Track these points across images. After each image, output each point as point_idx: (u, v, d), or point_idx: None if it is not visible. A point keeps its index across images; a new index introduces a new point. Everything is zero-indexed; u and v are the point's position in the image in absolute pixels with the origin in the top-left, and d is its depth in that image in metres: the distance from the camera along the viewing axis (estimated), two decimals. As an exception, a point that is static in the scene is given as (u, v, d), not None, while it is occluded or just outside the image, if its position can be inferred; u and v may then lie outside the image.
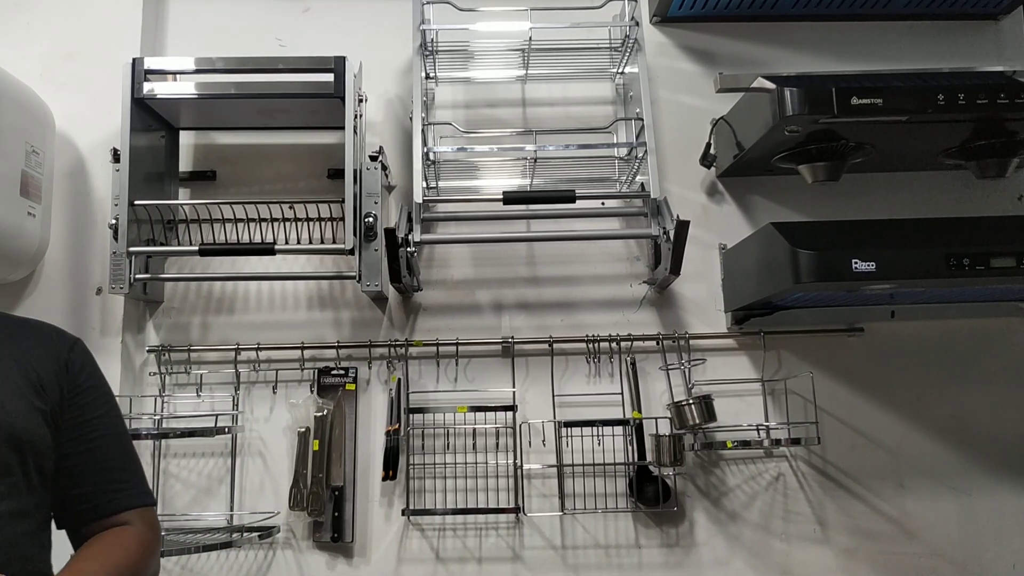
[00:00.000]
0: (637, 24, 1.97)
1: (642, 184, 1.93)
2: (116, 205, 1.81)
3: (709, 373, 2.00)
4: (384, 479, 1.90)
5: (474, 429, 1.95)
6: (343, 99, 1.79)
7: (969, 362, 2.03)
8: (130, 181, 1.77)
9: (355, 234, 1.79)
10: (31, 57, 2.00)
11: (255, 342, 1.98)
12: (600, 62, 2.12)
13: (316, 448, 1.88)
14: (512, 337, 2.00)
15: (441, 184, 2.04)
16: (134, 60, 1.81)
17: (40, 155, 1.84)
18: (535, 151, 1.89)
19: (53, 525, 1.10)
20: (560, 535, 1.93)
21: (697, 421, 1.85)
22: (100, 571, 1.00)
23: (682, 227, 1.74)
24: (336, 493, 1.89)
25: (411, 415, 1.95)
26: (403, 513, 1.90)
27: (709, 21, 2.19)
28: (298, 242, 1.93)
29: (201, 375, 1.98)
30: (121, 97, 1.80)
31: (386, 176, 2.02)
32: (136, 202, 1.79)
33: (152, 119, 1.92)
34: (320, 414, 1.91)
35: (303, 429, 1.90)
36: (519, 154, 1.96)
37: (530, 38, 1.99)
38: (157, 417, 1.92)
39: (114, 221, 1.79)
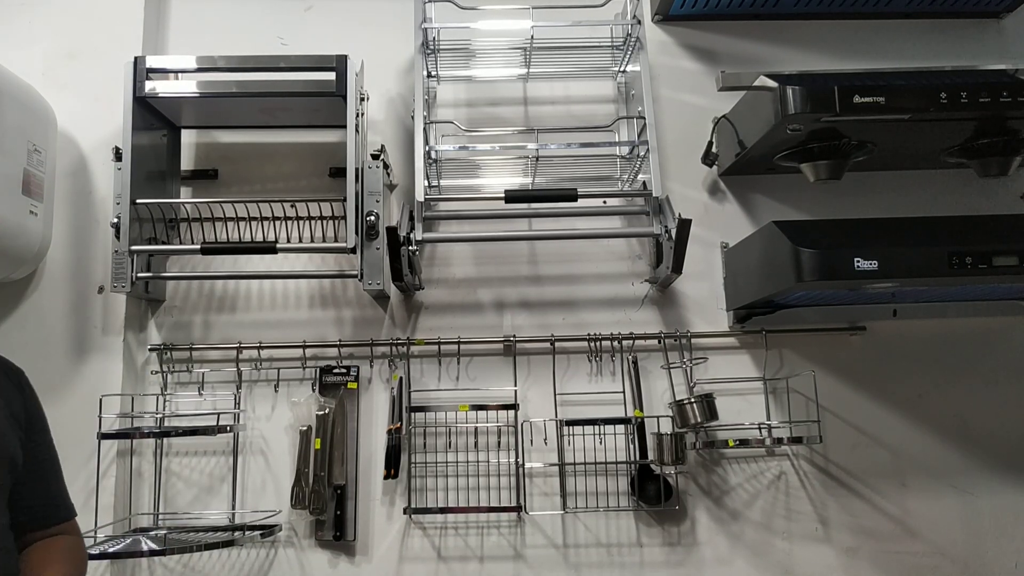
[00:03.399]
0: (639, 22, 1.97)
1: (644, 183, 1.93)
2: (118, 204, 1.81)
3: (711, 372, 2.00)
4: (386, 478, 1.90)
5: (476, 428, 1.95)
6: (345, 97, 1.80)
7: (971, 361, 2.03)
8: (132, 180, 1.78)
9: (357, 233, 1.79)
10: (33, 56, 2.01)
11: (257, 341, 1.98)
12: (602, 60, 2.12)
13: (318, 447, 1.89)
14: (514, 336, 2.00)
15: (443, 183, 2.04)
16: (136, 59, 1.81)
17: (42, 154, 1.84)
18: (537, 150, 1.89)
19: None
20: (562, 534, 1.94)
21: (699, 420, 1.86)
22: (76, 572, 1.22)
23: (684, 226, 1.74)
24: (338, 492, 1.89)
25: (413, 414, 1.95)
26: (405, 511, 1.90)
27: (711, 20, 2.19)
28: (300, 241, 1.94)
29: (203, 374, 1.98)
30: (123, 96, 1.80)
31: (388, 175, 2.02)
32: (138, 201, 1.80)
33: (154, 118, 1.93)
34: (322, 413, 1.91)
35: (305, 428, 1.90)
36: (521, 153, 1.96)
37: (532, 36, 1.99)
38: (159, 415, 1.93)
39: (116, 220, 1.79)
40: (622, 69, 2.12)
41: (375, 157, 1.90)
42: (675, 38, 2.20)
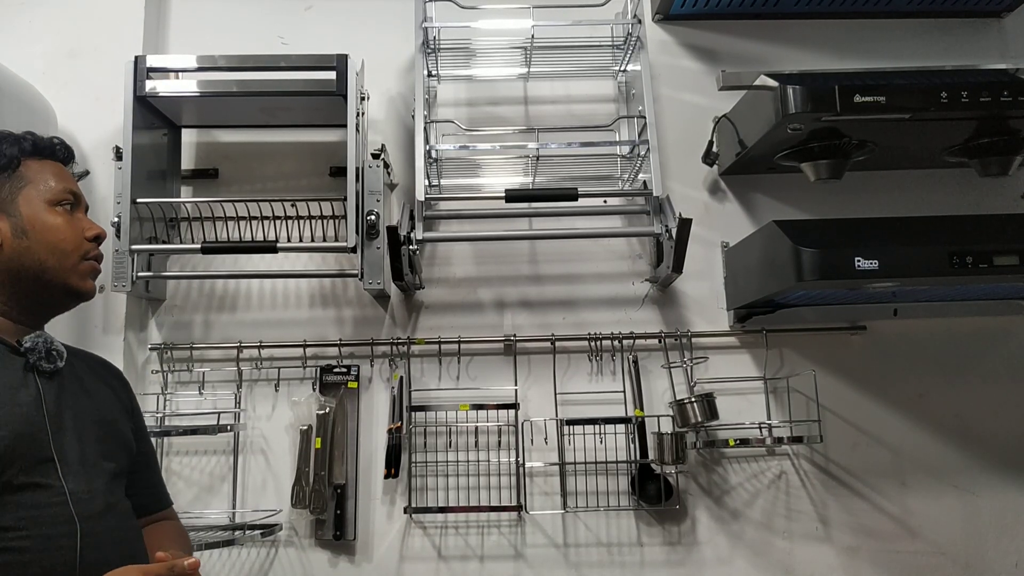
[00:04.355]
0: (639, 22, 1.97)
1: (644, 182, 1.93)
2: (118, 203, 1.81)
3: (711, 371, 2.00)
4: (386, 477, 1.90)
5: (476, 427, 1.95)
6: (345, 97, 1.80)
7: (971, 360, 2.03)
8: (132, 179, 1.78)
9: (357, 232, 1.79)
10: (34, 55, 2.01)
11: (257, 340, 1.98)
12: (602, 60, 2.12)
13: (318, 446, 1.89)
14: (514, 335, 2.00)
15: (443, 182, 2.04)
16: (136, 58, 1.81)
17: (42, 153, 1.83)
18: (537, 149, 1.89)
19: None
20: (562, 533, 1.94)
21: (699, 419, 1.86)
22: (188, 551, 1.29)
23: (684, 225, 1.74)
24: (338, 491, 1.89)
25: (413, 413, 1.95)
26: (405, 511, 1.90)
27: (711, 19, 2.18)
28: (300, 240, 1.94)
29: (203, 373, 1.98)
30: (123, 95, 1.80)
31: (388, 174, 2.02)
32: (138, 200, 1.80)
33: (154, 117, 1.92)
34: (322, 412, 1.91)
35: (305, 427, 1.90)
36: (521, 152, 1.96)
37: (532, 36, 1.98)
38: (160, 415, 1.93)
39: (116, 219, 1.79)
40: (623, 68, 2.12)
41: (375, 156, 1.90)
42: (676, 37, 2.20)
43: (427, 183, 1.88)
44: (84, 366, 1.25)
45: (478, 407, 1.94)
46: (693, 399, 1.87)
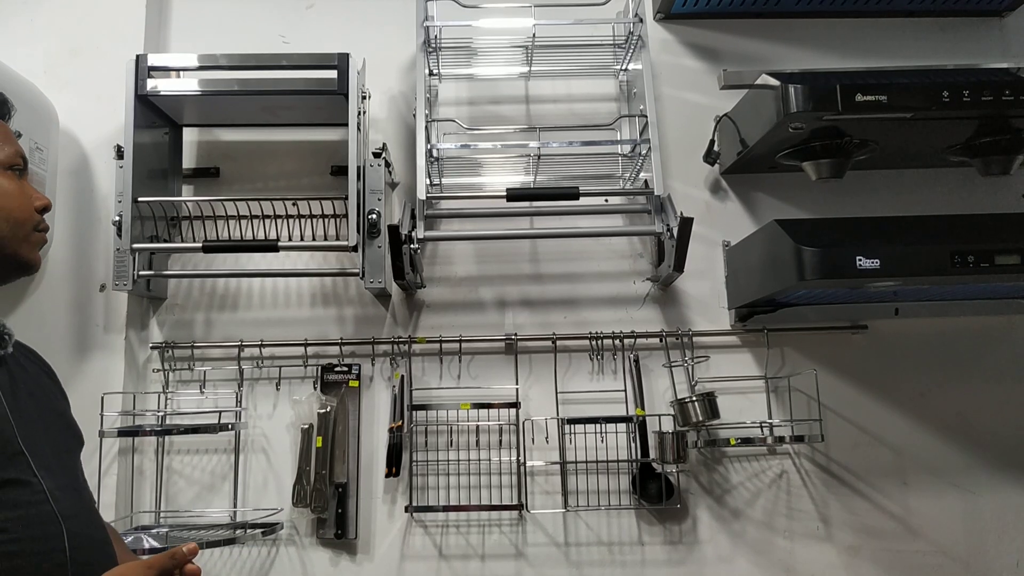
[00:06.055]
0: (641, 21, 1.97)
1: (646, 181, 1.93)
2: (120, 202, 1.81)
3: (712, 370, 2.00)
4: (387, 476, 1.90)
5: (477, 426, 1.95)
6: (346, 96, 1.80)
7: (973, 359, 2.03)
8: (134, 178, 1.78)
9: (358, 231, 1.79)
10: (35, 54, 2.01)
11: (259, 339, 1.98)
12: (604, 59, 2.12)
13: (319, 445, 1.89)
14: (515, 334, 2.00)
15: (444, 181, 2.04)
16: (138, 57, 1.81)
17: (44, 152, 1.84)
18: (539, 148, 1.89)
19: None
20: (563, 532, 1.94)
21: (700, 418, 1.86)
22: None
23: (686, 224, 1.74)
24: (339, 490, 1.89)
25: (414, 412, 1.95)
26: (406, 510, 1.90)
27: (713, 18, 2.18)
28: (301, 239, 1.94)
29: (204, 372, 1.98)
30: (125, 94, 1.80)
31: (389, 173, 2.02)
32: (140, 199, 1.80)
33: (156, 116, 1.92)
34: (323, 411, 1.91)
35: (306, 426, 1.90)
36: (523, 151, 1.96)
37: (534, 35, 1.98)
38: (161, 414, 1.93)
39: (118, 218, 1.79)
40: (624, 67, 2.12)
41: (377, 155, 1.90)
42: (677, 36, 2.19)
43: (428, 182, 1.88)
44: (17, 352, 1.12)
45: (479, 406, 1.94)
46: (694, 398, 1.88)
